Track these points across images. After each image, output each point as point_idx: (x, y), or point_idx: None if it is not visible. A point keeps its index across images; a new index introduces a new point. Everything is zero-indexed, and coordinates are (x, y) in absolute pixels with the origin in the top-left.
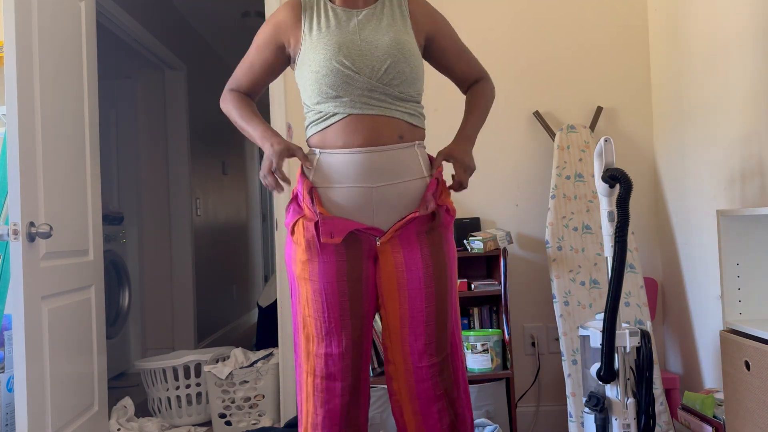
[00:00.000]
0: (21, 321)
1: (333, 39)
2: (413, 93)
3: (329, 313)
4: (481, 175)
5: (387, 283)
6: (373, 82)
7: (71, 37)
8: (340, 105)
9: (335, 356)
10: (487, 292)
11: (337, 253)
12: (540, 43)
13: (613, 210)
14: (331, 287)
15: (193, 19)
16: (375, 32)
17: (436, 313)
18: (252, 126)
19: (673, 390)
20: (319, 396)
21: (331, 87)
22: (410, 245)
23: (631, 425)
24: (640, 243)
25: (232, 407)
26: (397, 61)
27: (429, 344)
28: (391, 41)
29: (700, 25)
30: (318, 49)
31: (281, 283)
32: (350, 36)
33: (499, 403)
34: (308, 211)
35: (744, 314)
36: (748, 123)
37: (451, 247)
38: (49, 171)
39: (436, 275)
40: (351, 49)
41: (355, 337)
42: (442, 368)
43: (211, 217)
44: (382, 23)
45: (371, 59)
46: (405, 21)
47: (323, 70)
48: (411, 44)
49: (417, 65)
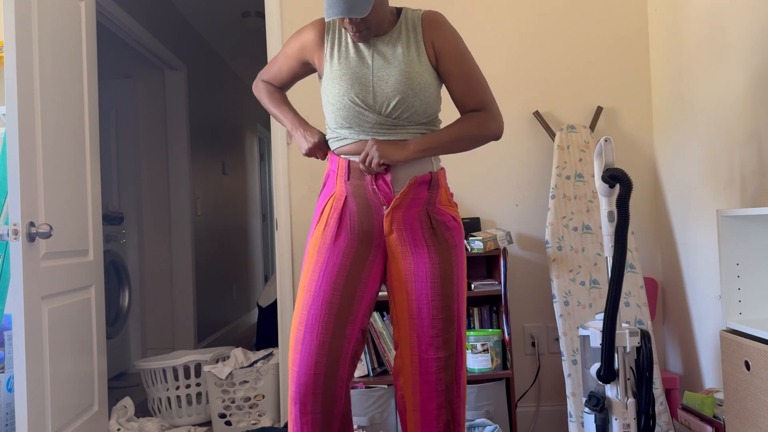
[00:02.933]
0: (21, 321)
1: (348, 74)
2: (424, 119)
3: (320, 285)
4: (481, 175)
5: (396, 278)
6: (383, 117)
7: (71, 37)
8: (353, 132)
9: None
10: (487, 292)
11: (348, 243)
12: (540, 43)
13: (613, 210)
14: (333, 262)
15: (193, 19)
16: (388, 65)
17: (442, 308)
18: (282, 113)
19: (673, 390)
20: (294, 370)
21: (345, 119)
22: (417, 245)
23: (631, 425)
24: (640, 243)
25: (232, 407)
26: (406, 97)
27: (436, 337)
28: (400, 76)
29: (700, 25)
30: (334, 82)
31: (281, 283)
32: (364, 70)
33: (499, 403)
34: (339, 186)
35: (744, 314)
36: (748, 123)
37: (459, 253)
38: (49, 171)
39: (443, 273)
40: (363, 85)
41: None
42: (447, 365)
43: (211, 217)
44: (397, 52)
45: (381, 96)
46: (419, 46)
47: (337, 104)
48: (422, 76)
49: (428, 96)
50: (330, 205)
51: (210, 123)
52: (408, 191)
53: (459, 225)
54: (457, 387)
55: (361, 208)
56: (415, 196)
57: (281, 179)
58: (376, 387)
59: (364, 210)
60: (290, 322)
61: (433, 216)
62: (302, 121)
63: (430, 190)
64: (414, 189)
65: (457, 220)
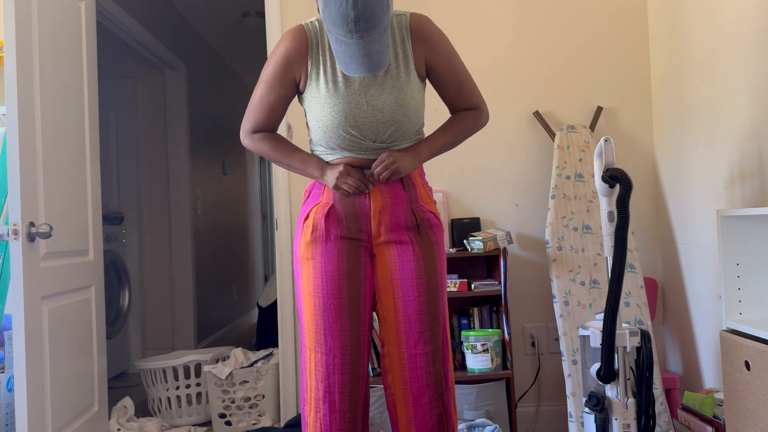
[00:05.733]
0: (21, 321)
1: (340, 104)
2: (413, 134)
3: (327, 291)
4: (481, 175)
5: (382, 277)
6: (378, 144)
7: (71, 37)
8: (344, 152)
9: (335, 330)
10: (487, 292)
11: (339, 244)
12: (540, 43)
13: (613, 210)
14: (331, 266)
15: (193, 19)
16: (380, 92)
17: (428, 303)
18: (303, 160)
19: (673, 390)
20: (320, 371)
21: (337, 145)
22: (402, 243)
23: (631, 425)
24: (640, 243)
25: (232, 407)
26: (401, 125)
27: (423, 332)
28: (395, 103)
29: (700, 25)
30: (326, 110)
31: (281, 283)
32: (356, 98)
33: (499, 403)
34: (326, 196)
35: (744, 314)
36: (748, 123)
37: (440, 249)
38: (49, 171)
39: (427, 270)
40: (357, 117)
41: (352, 321)
42: (435, 358)
43: (211, 217)
44: (388, 74)
45: (376, 125)
46: (408, 62)
47: (330, 132)
48: (414, 99)
49: (418, 115)
50: (315, 211)
51: (210, 123)
52: (386, 193)
53: (440, 223)
54: (446, 379)
55: (348, 215)
56: (394, 199)
57: (281, 179)
58: (377, 387)
59: (352, 216)
60: (290, 322)
61: (418, 214)
62: (319, 160)
63: (406, 189)
64: (390, 189)
65: (438, 217)
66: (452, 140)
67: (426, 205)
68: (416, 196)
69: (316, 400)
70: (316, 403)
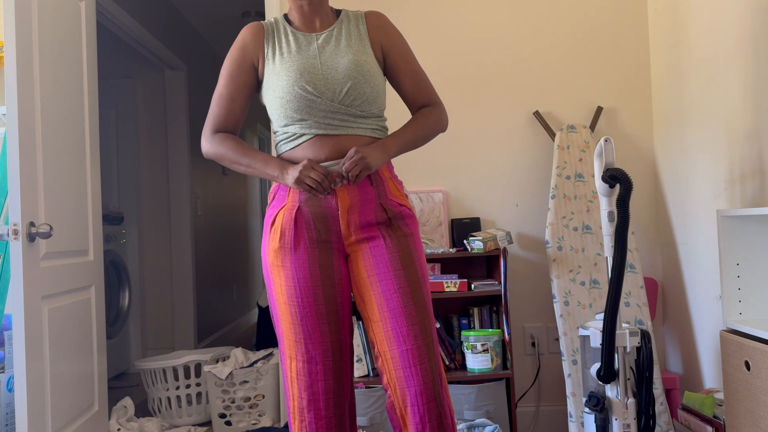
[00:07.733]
0: (21, 321)
1: (295, 65)
2: (375, 110)
3: (302, 299)
4: (481, 175)
5: (359, 276)
6: (335, 104)
7: (71, 37)
8: (305, 126)
9: (315, 338)
10: (487, 292)
11: (309, 250)
12: (540, 43)
13: (613, 210)
14: (303, 273)
15: (193, 19)
16: (335, 55)
17: (411, 295)
18: (263, 160)
19: (673, 390)
20: (303, 379)
21: (296, 111)
22: (374, 239)
23: (631, 425)
24: (640, 243)
25: (232, 407)
26: (357, 83)
27: (412, 325)
28: (350, 63)
29: (700, 25)
30: (281, 75)
31: None
32: (311, 60)
33: (499, 403)
34: (291, 197)
35: (744, 314)
36: (748, 123)
37: (416, 240)
38: (49, 171)
39: (403, 261)
40: (312, 74)
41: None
42: (429, 354)
43: (211, 217)
44: (341, 45)
45: (332, 82)
46: (363, 40)
47: (287, 96)
48: (370, 64)
49: (377, 84)
50: (282, 215)
51: None
52: (354, 190)
53: (413, 214)
54: (440, 377)
55: (316, 216)
56: (362, 196)
57: None
58: (376, 387)
59: (320, 218)
60: None
61: (389, 208)
62: (281, 161)
63: (374, 185)
64: (358, 186)
65: (411, 209)
66: (419, 134)
67: (396, 198)
68: (385, 191)
69: (300, 408)
70: (300, 412)
